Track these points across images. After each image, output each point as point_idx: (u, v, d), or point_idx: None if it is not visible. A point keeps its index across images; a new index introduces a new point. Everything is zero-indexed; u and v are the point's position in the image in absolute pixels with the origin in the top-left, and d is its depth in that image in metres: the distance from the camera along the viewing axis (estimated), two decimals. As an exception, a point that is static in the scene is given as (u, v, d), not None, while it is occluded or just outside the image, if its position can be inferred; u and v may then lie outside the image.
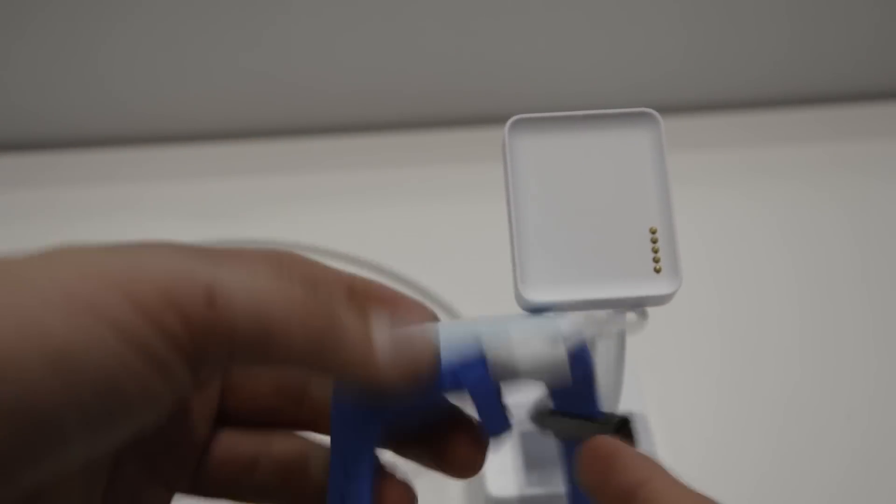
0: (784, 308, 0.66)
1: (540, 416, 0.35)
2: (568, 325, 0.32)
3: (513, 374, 0.32)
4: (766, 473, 0.57)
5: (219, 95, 0.76)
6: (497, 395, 0.32)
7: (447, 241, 0.70)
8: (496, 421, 0.33)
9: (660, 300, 0.38)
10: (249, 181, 0.74)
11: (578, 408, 0.34)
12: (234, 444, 0.33)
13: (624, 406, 0.48)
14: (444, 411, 0.32)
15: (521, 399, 0.39)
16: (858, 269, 0.68)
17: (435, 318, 0.32)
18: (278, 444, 0.33)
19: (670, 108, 0.46)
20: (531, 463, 0.52)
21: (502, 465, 0.51)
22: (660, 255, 0.38)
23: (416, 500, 0.32)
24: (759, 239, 0.70)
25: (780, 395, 0.61)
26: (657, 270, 0.38)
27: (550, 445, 0.53)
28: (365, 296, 0.31)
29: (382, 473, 0.32)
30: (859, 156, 0.76)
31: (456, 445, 0.32)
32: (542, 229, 0.38)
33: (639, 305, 0.38)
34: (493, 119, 0.66)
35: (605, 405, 0.46)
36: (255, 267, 0.28)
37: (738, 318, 0.65)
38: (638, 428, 0.36)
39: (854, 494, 0.56)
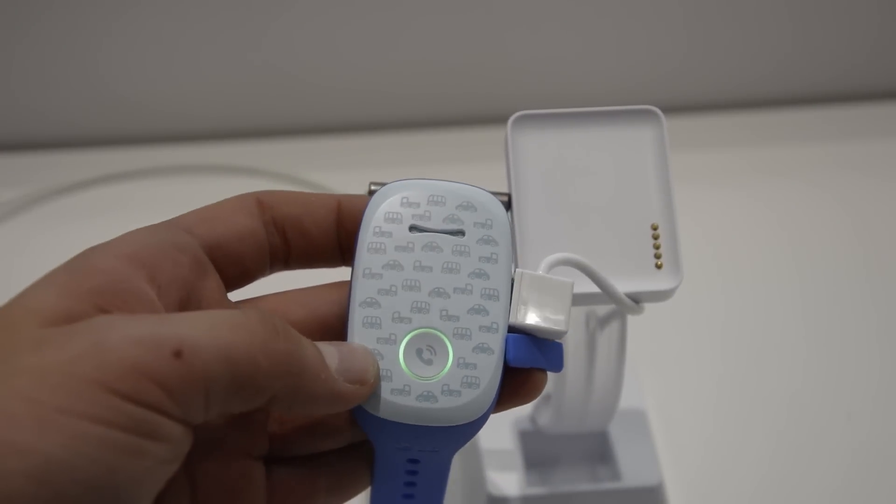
0: (784, 307, 0.66)
1: None
2: None
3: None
4: (765, 472, 0.57)
5: (219, 95, 0.76)
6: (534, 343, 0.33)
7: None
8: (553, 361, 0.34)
9: (661, 296, 0.38)
10: (249, 181, 0.74)
11: None
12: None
13: (624, 403, 0.48)
14: None
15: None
16: (859, 269, 0.68)
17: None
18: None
19: (671, 108, 0.46)
20: (531, 463, 0.52)
21: (502, 465, 0.51)
22: (661, 251, 0.38)
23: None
24: (760, 238, 0.70)
25: (781, 394, 0.61)
26: (658, 266, 0.38)
27: (550, 445, 0.53)
28: (352, 212, 0.34)
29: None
30: (859, 156, 0.76)
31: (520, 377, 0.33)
32: (543, 224, 0.38)
33: (640, 301, 0.38)
34: (495, 119, 0.66)
35: (605, 402, 0.46)
36: (213, 314, 0.29)
37: (738, 316, 0.65)
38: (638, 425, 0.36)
39: (854, 494, 0.56)
